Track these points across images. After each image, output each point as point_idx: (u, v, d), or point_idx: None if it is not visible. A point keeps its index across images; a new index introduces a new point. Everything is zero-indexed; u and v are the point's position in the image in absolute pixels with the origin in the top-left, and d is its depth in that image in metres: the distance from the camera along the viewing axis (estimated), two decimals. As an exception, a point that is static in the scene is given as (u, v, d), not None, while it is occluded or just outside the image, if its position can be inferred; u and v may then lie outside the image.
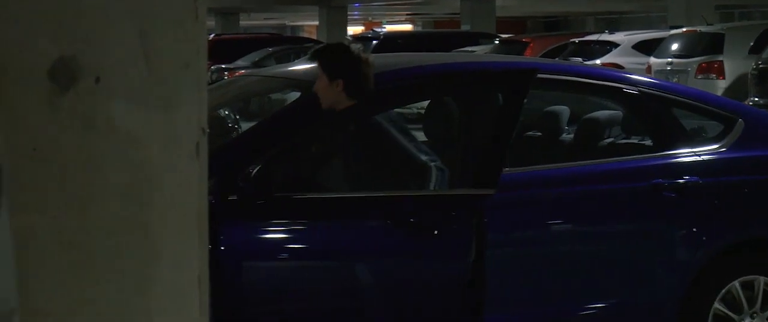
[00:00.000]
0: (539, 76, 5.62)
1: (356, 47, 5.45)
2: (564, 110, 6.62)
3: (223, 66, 25.67)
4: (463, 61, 6.35)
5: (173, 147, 2.09)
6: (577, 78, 5.98)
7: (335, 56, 5.31)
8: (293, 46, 28.94)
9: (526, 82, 5.51)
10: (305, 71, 6.18)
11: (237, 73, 22.26)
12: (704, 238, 5.73)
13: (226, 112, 7.61)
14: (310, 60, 5.33)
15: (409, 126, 5.70)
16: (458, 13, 36.10)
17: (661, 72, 19.16)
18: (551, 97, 6.81)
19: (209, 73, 24.96)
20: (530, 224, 5.56)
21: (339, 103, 5.25)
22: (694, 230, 5.71)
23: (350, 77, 5.23)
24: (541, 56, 20.74)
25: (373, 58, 5.48)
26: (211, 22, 49.52)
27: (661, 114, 5.94)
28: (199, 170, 2.12)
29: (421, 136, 5.95)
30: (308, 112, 5.40)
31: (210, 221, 4.81)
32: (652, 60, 19.77)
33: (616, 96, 6.11)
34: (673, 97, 6.02)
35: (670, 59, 19.41)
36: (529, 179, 5.61)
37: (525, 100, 5.50)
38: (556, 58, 19.65)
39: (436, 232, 5.22)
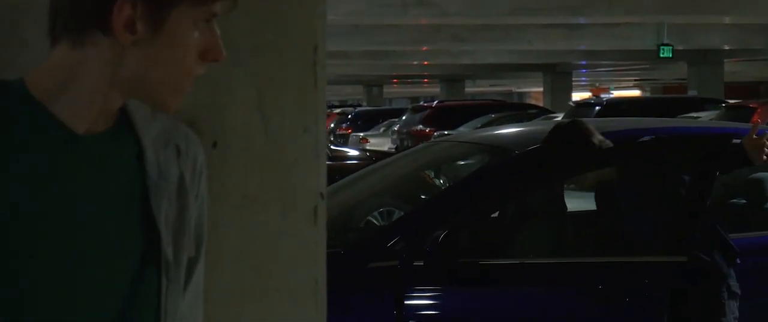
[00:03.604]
0: (735, 141, 5.43)
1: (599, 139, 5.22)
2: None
3: (446, 133, 25.78)
4: (656, 126, 6.19)
5: (291, 211, 2.08)
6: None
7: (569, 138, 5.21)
8: (515, 112, 28.87)
9: (722, 148, 5.33)
10: (495, 136, 6.13)
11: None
12: None
13: (430, 174, 7.62)
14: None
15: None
16: (686, 79, 35.48)
17: None
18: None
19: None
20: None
21: None
22: None
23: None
24: (769, 122, 20.08)
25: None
26: (436, 89, 50.00)
27: None
28: (317, 235, 2.10)
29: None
30: (495, 177, 5.35)
31: (397, 284, 4.85)
32: None
33: None
34: None
35: None
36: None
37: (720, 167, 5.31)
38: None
39: (626, 299, 5.09)
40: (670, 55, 26.25)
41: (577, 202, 6.18)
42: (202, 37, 1.66)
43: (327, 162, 8.64)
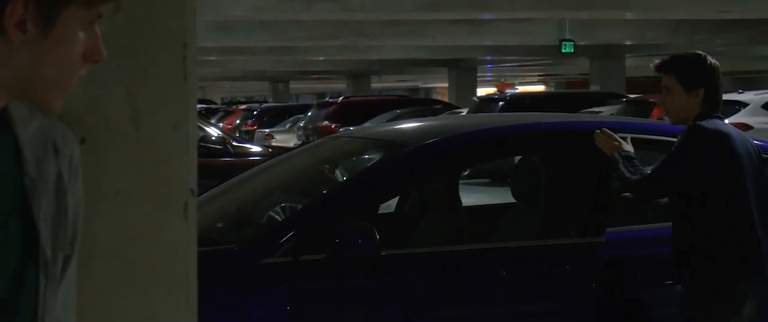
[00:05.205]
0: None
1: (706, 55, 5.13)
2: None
3: (352, 129, 25.75)
4: (540, 121, 6.29)
5: (162, 207, 2.09)
6: (646, 136, 5.89)
7: (693, 65, 5.06)
8: (421, 107, 28.99)
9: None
10: (391, 132, 6.20)
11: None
12: None
13: (328, 169, 7.63)
14: (659, 71, 5.13)
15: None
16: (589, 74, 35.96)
17: (792, 132, 18.71)
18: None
19: (336, 135, 25.08)
20: (625, 284, 5.44)
21: (691, 114, 4.98)
22: None
23: (711, 86, 4.99)
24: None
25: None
26: (342, 85, 50.05)
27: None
28: (187, 231, 2.11)
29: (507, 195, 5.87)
30: (385, 173, 5.39)
31: (291, 280, 4.85)
32: (782, 119, 19.33)
33: None
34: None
35: (800, 118, 18.95)
36: (630, 239, 5.52)
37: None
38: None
39: (532, 283, 5.18)
40: (572, 51, 26.60)
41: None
42: (86, 38, 1.68)
43: (230, 159, 8.57)
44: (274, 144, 25.85)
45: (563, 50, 26.29)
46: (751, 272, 4.90)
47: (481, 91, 44.32)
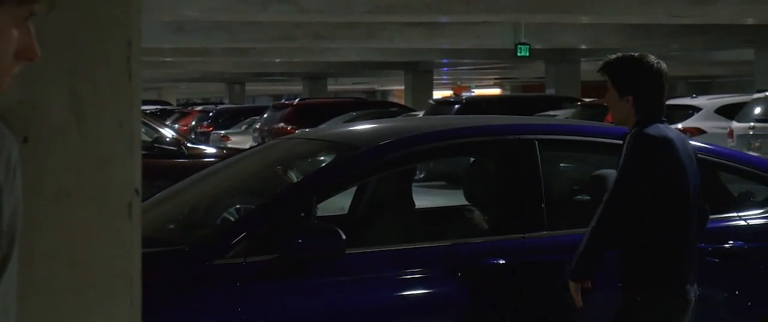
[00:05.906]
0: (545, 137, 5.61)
1: (653, 58, 4.96)
2: (611, 173, 6.51)
3: (307, 130, 25.72)
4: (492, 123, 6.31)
5: (106, 207, 2.07)
6: (578, 137, 5.92)
7: (626, 70, 4.90)
8: (378, 110, 29.02)
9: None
10: (343, 133, 6.20)
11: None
12: (749, 304, 5.58)
13: (282, 170, 7.64)
14: (599, 71, 5.03)
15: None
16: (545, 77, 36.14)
17: (743, 136, 18.83)
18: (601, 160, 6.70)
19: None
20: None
21: (630, 120, 4.90)
22: (737, 294, 5.57)
23: (641, 93, 4.86)
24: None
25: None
26: (298, 87, 49.97)
27: (705, 178, 5.75)
28: (132, 231, 2.10)
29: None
30: (333, 174, 5.40)
31: (243, 281, 4.83)
32: (735, 124, 19.47)
33: None
34: (717, 160, 5.87)
35: (752, 124, 19.09)
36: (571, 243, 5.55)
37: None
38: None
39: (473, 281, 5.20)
40: (527, 54, 26.70)
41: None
42: (19, 36, 1.65)
43: (184, 160, 8.52)
44: (229, 146, 25.79)
45: (519, 54, 26.39)
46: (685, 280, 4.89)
47: (438, 94, 44.41)
